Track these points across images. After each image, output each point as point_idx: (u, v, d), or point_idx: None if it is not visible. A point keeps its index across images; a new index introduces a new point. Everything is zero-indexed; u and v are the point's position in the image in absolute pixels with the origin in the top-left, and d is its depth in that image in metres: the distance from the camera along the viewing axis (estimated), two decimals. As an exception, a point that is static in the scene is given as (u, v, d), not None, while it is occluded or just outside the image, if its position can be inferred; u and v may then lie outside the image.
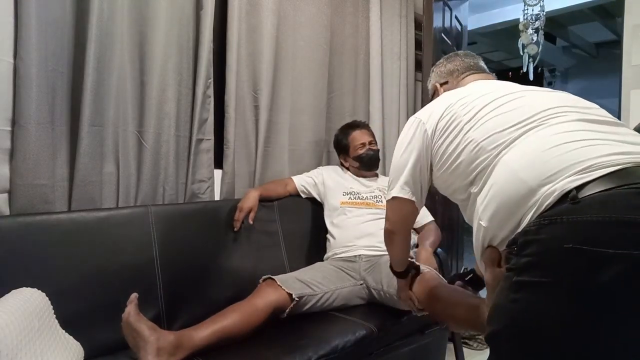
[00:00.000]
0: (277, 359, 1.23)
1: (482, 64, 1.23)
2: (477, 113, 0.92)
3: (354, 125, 2.10)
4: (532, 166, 0.75)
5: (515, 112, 0.86)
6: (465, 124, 0.93)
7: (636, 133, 0.80)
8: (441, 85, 1.24)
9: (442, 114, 1.00)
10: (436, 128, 1.01)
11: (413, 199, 1.09)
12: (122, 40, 1.52)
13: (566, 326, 0.63)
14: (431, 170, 1.06)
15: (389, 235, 1.22)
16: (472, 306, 1.10)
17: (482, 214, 0.82)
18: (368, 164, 2.03)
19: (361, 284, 1.69)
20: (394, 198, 1.12)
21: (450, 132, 0.96)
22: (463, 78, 1.20)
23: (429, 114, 1.04)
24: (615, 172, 0.67)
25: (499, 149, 0.83)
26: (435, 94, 1.26)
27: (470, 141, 0.89)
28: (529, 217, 0.72)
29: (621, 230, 0.61)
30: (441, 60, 1.29)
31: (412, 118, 1.10)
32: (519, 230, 0.73)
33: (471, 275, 1.29)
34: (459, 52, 1.29)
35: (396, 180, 1.10)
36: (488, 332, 0.73)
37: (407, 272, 1.34)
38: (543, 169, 0.73)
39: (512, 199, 0.75)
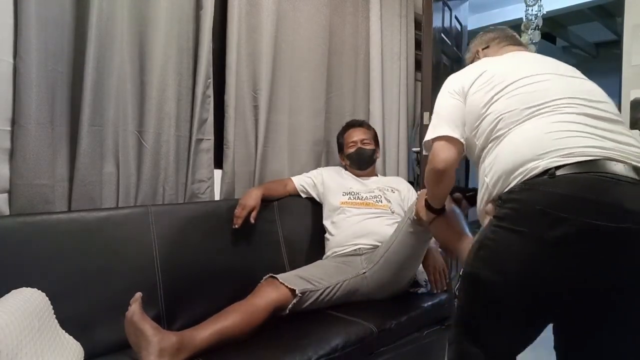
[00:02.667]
0: (277, 359, 1.23)
1: (519, 38, 1.35)
2: (504, 88, 1.05)
3: (350, 124, 2.13)
4: (530, 144, 0.93)
5: (534, 95, 1.01)
6: (494, 95, 1.06)
7: (628, 132, 0.95)
8: (483, 49, 1.35)
9: (478, 76, 1.13)
10: (470, 88, 1.13)
11: (457, 136, 1.14)
12: (122, 40, 1.52)
13: (523, 260, 0.86)
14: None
15: (437, 175, 1.20)
16: (459, 236, 1.29)
17: (487, 174, 1.01)
18: (357, 162, 2.04)
19: (363, 273, 1.67)
20: (443, 137, 1.15)
21: (480, 97, 1.09)
22: (503, 46, 1.31)
23: (466, 73, 1.18)
24: (587, 162, 0.85)
25: (514, 124, 0.99)
26: (475, 58, 1.35)
27: (494, 111, 1.04)
28: (515, 181, 0.92)
29: (576, 203, 0.82)
30: (480, 33, 1.41)
31: (451, 76, 1.23)
32: (506, 189, 0.93)
33: (472, 192, 1.34)
34: (498, 27, 1.41)
35: (443, 122, 1.16)
36: (465, 262, 0.98)
37: (443, 209, 1.37)
38: (537, 148, 0.91)
39: (509, 167, 0.94)
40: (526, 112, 0.99)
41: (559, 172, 0.86)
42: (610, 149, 0.87)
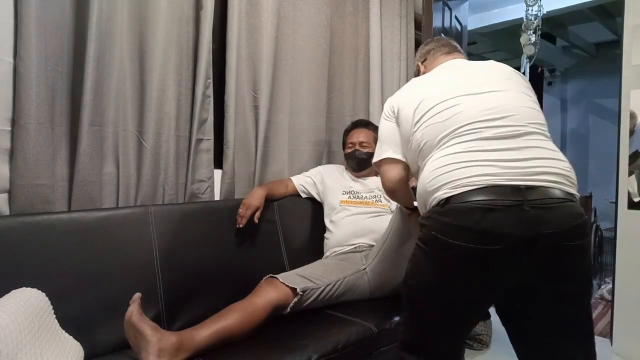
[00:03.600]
0: (277, 359, 1.23)
1: (455, 43, 1.45)
2: (422, 116, 1.17)
3: (355, 124, 2.13)
4: (433, 177, 1.07)
5: (444, 125, 1.11)
6: (416, 123, 1.18)
7: (535, 143, 1.05)
8: (422, 62, 1.46)
9: (405, 103, 1.25)
10: (399, 112, 1.26)
11: (404, 159, 1.28)
12: (122, 40, 1.52)
13: (430, 278, 1.06)
14: None
15: (389, 193, 1.39)
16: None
17: (416, 198, 1.19)
18: (352, 165, 2.03)
19: (363, 269, 1.67)
20: (386, 160, 1.30)
21: (406, 122, 1.22)
22: (437, 57, 1.40)
23: (399, 97, 1.30)
24: (472, 191, 0.98)
25: (427, 157, 1.13)
26: (418, 73, 1.46)
27: (415, 140, 1.18)
28: (425, 209, 1.10)
29: (457, 230, 0.98)
30: (420, 46, 1.52)
31: (388, 100, 1.34)
32: (422, 215, 1.11)
33: None
34: (435, 37, 1.55)
35: (385, 145, 1.30)
36: (404, 275, 1.14)
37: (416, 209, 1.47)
38: (436, 180, 1.06)
39: (423, 195, 1.11)
40: (435, 144, 1.12)
41: (448, 203, 1.00)
42: (495, 175, 0.98)
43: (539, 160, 1.01)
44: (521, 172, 0.99)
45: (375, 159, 1.34)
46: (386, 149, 1.29)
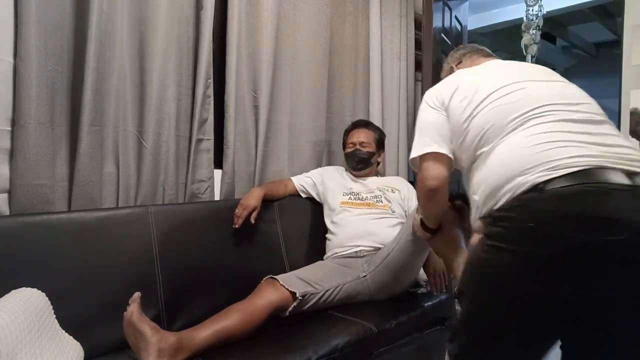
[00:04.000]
0: (277, 359, 1.23)
1: (488, 50, 1.36)
2: (482, 101, 1.03)
3: (355, 125, 2.13)
4: (515, 159, 0.91)
5: (512, 106, 0.98)
6: (473, 110, 1.04)
7: (615, 132, 0.94)
8: (456, 65, 1.35)
9: (455, 90, 1.10)
10: (450, 102, 1.10)
11: (445, 151, 1.10)
12: (122, 40, 1.52)
13: (516, 280, 0.83)
14: None
15: (430, 194, 1.15)
16: (456, 253, 1.25)
17: (476, 191, 0.99)
18: (351, 164, 2.04)
19: (364, 276, 1.67)
20: (429, 154, 1.11)
21: (460, 112, 1.07)
22: (475, 59, 1.31)
23: (443, 87, 1.16)
24: (575, 173, 0.82)
25: (498, 138, 0.97)
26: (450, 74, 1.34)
27: (477, 126, 1.02)
28: (505, 198, 0.89)
29: (566, 219, 0.79)
30: (452, 51, 1.41)
31: (428, 91, 1.19)
32: (496, 207, 0.90)
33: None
34: (466, 44, 1.42)
35: (429, 137, 1.12)
36: (460, 284, 0.96)
37: (438, 229, 1.31)
38: (523, 163, 0.89)
39: (496, 183, 0.92)
40: (507, 126, 0.96)
41: (547, 187, 0.83)
42: (597, 156, 0.84)
43: (627, 149, 0.88)
44: (619, 157, 0.85)
45: (415, 154, 1.14)
46: (429, 142, 1.11)
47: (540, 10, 3.28)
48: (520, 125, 0.95)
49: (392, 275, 1.63)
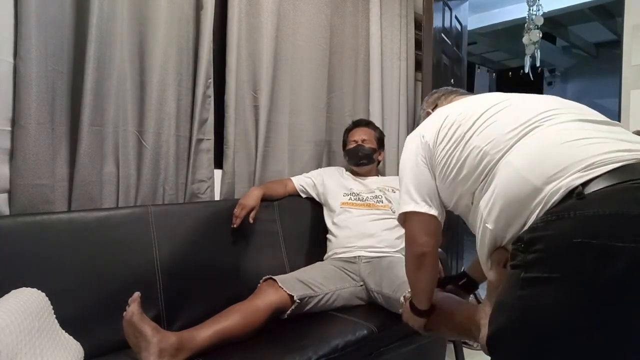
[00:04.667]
0: (277, 359, 1.23)
1: (463, 91, 1.28)
2: (476, 120, 0.92)
3: (356, 124, 2.15)
4: (534, 165, 0.76)
5: (513, 116, 0.88)
6: (467, 131, 0.92)
7: (629, 132, 0.82)
8: (432, 109, 1.24)
9: (442, 124, 1.00)
10: (437, 138, 1.00)
11: (435, 213, 1.00)
12: (122, 40, 1.52)
13: (577, 320, 0.63)
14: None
15: (419, 260, 1.05)
16: (468, 314, 1.04)
17: (488, 217, 0.82)
18: (353, 158, 2.04)
19: (361, 286, 1.69)
20: (414, 214, 1.01)
21: (452, 141, 0.95)
22: (452, 98, 1.22)
23: (428, 127, 1.05)
24: (618, 169, 0.69)
25: (502, 152, 0.84)
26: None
27: (473, 147, 0.90)
28: (535, 214, 0.73)
29: (629, 224, 0.62)
30: (426, 97, 1.33)
31: (411, 134, 1.09)
32: (525, 228, 0.73)
33: (465, 279, 1.24)
34: (441, 88, 1.33)
35: (417, 193, 1.01)
36: (491, 331, 0.73)
37: (430, 312, 1.13)
38: (546, 167, 0.74)
39: (517, 198, 0.76)
40: (512, 135, 0.84)
41: (587, 190, 0.68)
42: (634, 150, 0.72)
43: (637, 144, 0.76)
44: None
45: (405, 208, 1.03)
46: (419, 199, 1.00)
47: (539, 10, 3.28)
48: (528, 130, 0.83)
49: (390, 289, 1.56)
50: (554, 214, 0.69)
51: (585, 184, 0.69)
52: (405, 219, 1.05)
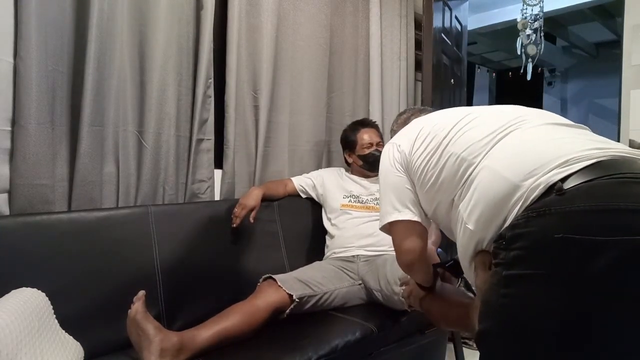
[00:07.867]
0: (277, 359, 1.23)
1: (432, 109, 1.29)
2: (450, 130, 0.94)
3: (364, 123, 2.08)
4: (513, 164, 0.77)
5: (488, 123, 0.89)
6: (443, 139, 0.94)
7: (596, 134, 0.84)
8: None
9: (418, 134, 1.01)
10: (413, 147, 1.01)
11: (419, 220, 1.02)
12: (122, 40, 1.52)
13: (561, 317, 0.63)
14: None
15: (409, 268, 1.09)
16: (464, 306, 1.07)
17: (468, 218, 0.82)
18: (373, 165, 2.01)
19: (360, 284, 1.69)
20: (398, 223, 1.03)
21: (429, 149, 0.97)
22: (420, 117, 1.20)
23: (403, 137, 1.07)
24: (594, 164, 0.70)
25: (480, 157, 0.85)
26: None
27: (451, 155, 0.91)
28: (514, 211, 0.73)
29: (610, 218, 0.63)
30: (396, 117, 1.37)
31: (386, 145, 1.11)
32: (506, 225, 0.73)
33: (451, 262, 1.26)
34: (408, 108, 1.37)
35: (398, 202, 1.03)
36: (478, 331, 0.73)
37: (433, 287, 1.19)
38: (524, 165, 0.75)
39: (497, 197, 0.76)
40: (487, 140, 0.85)
41: (566, 185, 0.68)
42: (608, 148, 0.74)
43: (625, 147, 0.78)
44: (627, 151, 0.75)
45: (388, 218, 1.05)
46: (399, 207, 1.02)
47: (541, 11, 3.27)
48: (504, 136, 0.85)
49: (389, 290, 1.56)
50: (535, 210, 0.69)
51: (563, 180, 0.70)
52: (390, 228, 1.07)
